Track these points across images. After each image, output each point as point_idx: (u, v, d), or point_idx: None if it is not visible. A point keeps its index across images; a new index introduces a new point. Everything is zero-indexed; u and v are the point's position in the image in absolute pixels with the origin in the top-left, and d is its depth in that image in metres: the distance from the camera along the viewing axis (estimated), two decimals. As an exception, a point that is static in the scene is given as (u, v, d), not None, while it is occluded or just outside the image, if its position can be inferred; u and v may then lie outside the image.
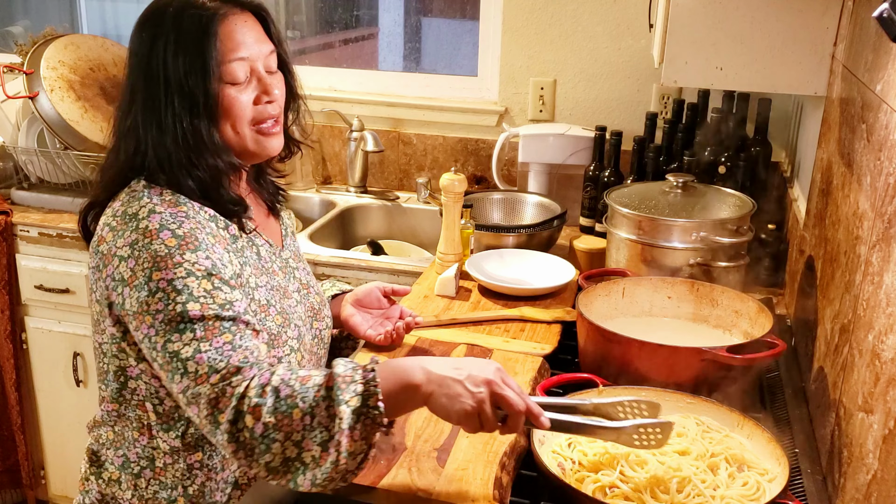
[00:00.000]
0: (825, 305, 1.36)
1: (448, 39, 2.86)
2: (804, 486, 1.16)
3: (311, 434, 1.00)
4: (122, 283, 1.10)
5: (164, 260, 1.08)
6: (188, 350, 1.05)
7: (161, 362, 1.08)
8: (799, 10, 1.59)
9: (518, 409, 1.03)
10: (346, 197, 2.60)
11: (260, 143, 1.22)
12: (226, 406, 1.02)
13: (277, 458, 1.00)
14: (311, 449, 1.00)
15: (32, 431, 2.53)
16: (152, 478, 1.21)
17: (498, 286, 1.78)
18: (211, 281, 1.09)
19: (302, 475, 1.00)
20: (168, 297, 1.07)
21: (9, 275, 2.35)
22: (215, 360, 1.04)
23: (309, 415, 1.00)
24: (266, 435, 1.00)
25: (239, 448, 1.01)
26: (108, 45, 2.54)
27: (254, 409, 1.00)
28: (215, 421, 1.02)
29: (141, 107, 1.16)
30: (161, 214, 1.11)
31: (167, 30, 1.14)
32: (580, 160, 2.27)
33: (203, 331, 1.06)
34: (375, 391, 1.00)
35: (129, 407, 1.20)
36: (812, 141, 1.76)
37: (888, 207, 1.02)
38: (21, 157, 2.44)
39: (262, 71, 1.20)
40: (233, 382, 1.03)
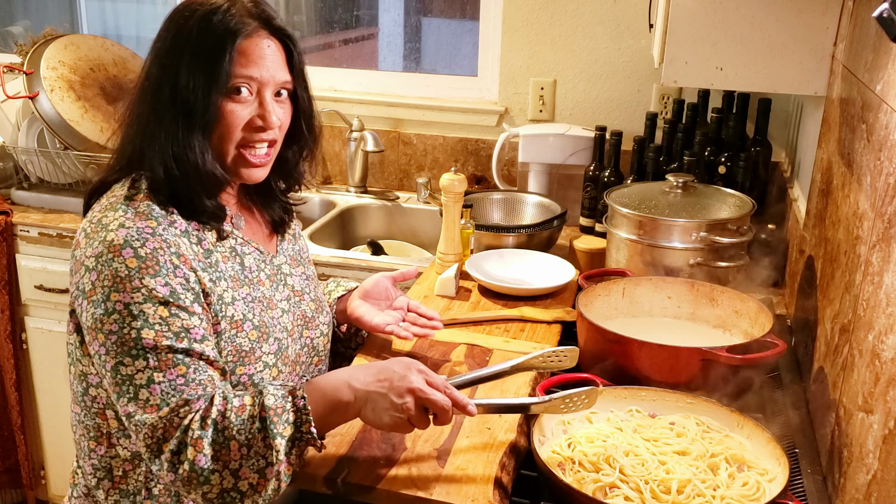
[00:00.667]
0: (825, 305, 1.36)
1: (448, 39, 2.86)
2: (804, 486, 1.17)
3: (248, 462, 1.05)
4: (82, 294, 1.11)
5: (123, 283, 1.08)
6: (141, 377, 1.07)
7: (109, 381, 1.10)
8: (799, 10, 1.59)
9: (444, 408, 1.09)
10: (346, 197, 2.60)
11: (238, 168, 1.21)
12: (170, 437, 1.06)
13: (216, 488, 1.05)
14: (249, 477, 1.05)
15: (32, 431, 2.53)
16: (111, 488, 1.22)
17: (498, 286, 1.78)
18: (168, 308, 1.09)
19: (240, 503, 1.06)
20: (123, 321, 1.08)
21: (9, 275, 2.35)
22: (168, 394, 1.07)
23: (245, 446, 1.05)
24: (206, 467, 1.04)
25: (178, 478, 1.05)
26: (108, 45, 2.54)
27: (195, 442, 1.05)
28: (158, 450, 1.06)
29: (149, 96, 1.17)
30: (128, 230, 1.11)
31: (191, 29, 1.15)
32: (580, 160, 2.27)
33: (156, 361, 1.08)
34: (308, 418, 1.07)
35: (88, 415, 1.21)
36: (812, 141, 1.76)
37: (888, 207, 1.02)
38: (21, 157, 2.44)
39: (269, 97, 1.19)
40: (180, 413, 1.07)
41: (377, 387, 1.09)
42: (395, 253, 2.40)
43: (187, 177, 1.16)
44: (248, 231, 1.29)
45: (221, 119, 1.16)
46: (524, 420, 1.27)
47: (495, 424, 1.25)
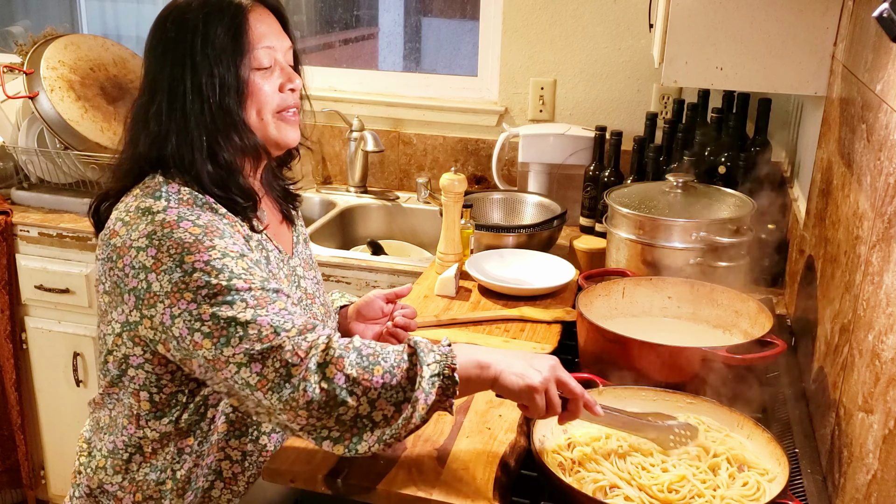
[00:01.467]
0: (825, 305, 1.36)
1: (448, 39, 2.86)
2: (804, 486, 1.16)
3: (386, 394, 1.03)
4: (143, 269, 1.09)
5: (194, 245, 1.08)
6: (245, 314, 1.05)
7: (207, 332, 1.06)
8: (799, 10, 1.59)
9: (579, 394, 1.09)
10: (346, 197, 2.60)
11: (282, 131, 1.24)
12: (301, 358, 1.03)
13: (350, 412, 1.03)
14: (384, 409, 1.03)
15: (32, 431, 2.53)
16: (143, 461, 1.22)
17: (498, 286, 1.78)
18: (245, 261, 1.10)
19: (369, 432, 1.03)
20: (209, 275, 1.07)
21: (9, 275, 2.35)
22: (279, 322, 1.06)
23: (389, 373, 1.04)
24: (344, 388, 1.02)
25: (313, 400, 1.02)
26: (108, 45, 2.54)
27: (337, 361, 1.03)
28: (287, 374, 1.03)
29: (165, 95, 1.18)
30: (177, 209, 1.13)
31: (194, 19, 1.18)
32: (580, 160, 2.27)
33: (254, 300, 1.07)
34: (453, 362, 1.06)
35: (125, 393, 1.21)
36: (812, 141, 1.76)
37: (888, 207, 1.02)
38: (21, 157, 2.44)
39: (284, 62, 1.24)
40: (308, 338, 1.05)
41: (518, 356, 1.11)
42: (395, 253, 2.40)
43: (234, 159, 1.20)
44: (270, 230, 1.31)
45: (255, 92, 1.20)
46: (524, 420, 1.27)
47: (495, 424, 1.25)
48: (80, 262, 2.31)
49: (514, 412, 1.27)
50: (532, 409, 1.09)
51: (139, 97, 1.22)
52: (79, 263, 2.31)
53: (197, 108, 1.16)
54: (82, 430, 1.31)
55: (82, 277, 2.31)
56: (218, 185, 1.19)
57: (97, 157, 2.33)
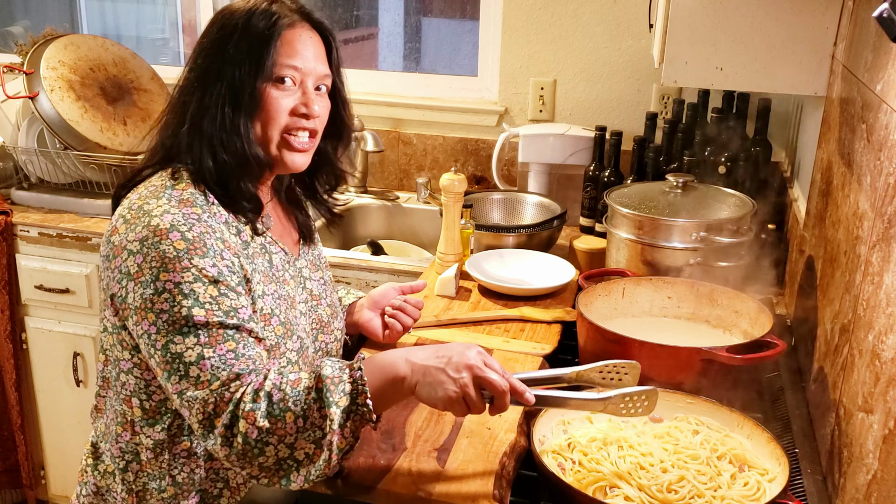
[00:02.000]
0: (825, 305, 1.36)
1: (448, 39, 2.86)
2: (804, 486, 1.17)
3: (303, 434, 1.04)
4: (127, 276, 1.11)
5: (173, 262, 1.09)
6: (191, 354, 1.07)
7: (159, 360, 1.09)
8: (799, 10, 1.59)
9: (502, 390, 1.06)
10: (346, 197, 2.59)
11: (283, 153, 1.24)
12: (222, 411, 1.05)
13: (271, 459, 1.04)
14: (305, 447, 1.04)
15: (32, 431, 2.53)
16: (139, 470, 1.22)
17: (498, 286, 1.78)
18: (217, 287, 1.10)
19: (295, 472, 1.05)
20: (174, 300, 1.08)
21: (9, 275, 2.35)
22: (218, 368, 1.07)
23: (301, 417, 1.04)
24: (260, 439, 1.03)
25: (232, 452, 1.05)
26: (108, 45, 2.54)
27: (247, 415, 1.04)
28: (210, 426, 1.06)
29: (194, 89, 1.20)
30: (173, 215, 1.12)
31: (236, 23, 1.19)
32: (580, 160, 2.27)
33: (207, 337, 1.08)
34: (364, 389, 1.05)
35: (118, 399, 1.21)
36: (812, 141, 1.76)
37: (888, 207, 1.02)
38: (21, 157, 2.44)
39: (311, 87, 1.23)
40: (231, 388, 1.06)
41: (435, 361, 1.08)
42: (395, 253, 2.40)
43: (234, 161, 1.19)
44: (275, 232, 1.31)
45: (266, 105, 1.20)
46: (524, 420, 1.27)
47: (495, 424, 1.25)
48: (80, 262, 2.31)
49: (514, 412, 1.27)
50: (454, 413, 1.08)
51: (179, 84, 1.24)
52: (79, 263, 2.31)
53: (213, 109, 1.18)
54: (90, 433, 1.31)
55: (82, 277, 2.31)
56: (219, 183, 1.19)
57: (97, 157, 2.33)
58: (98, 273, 2.29)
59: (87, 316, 2.36)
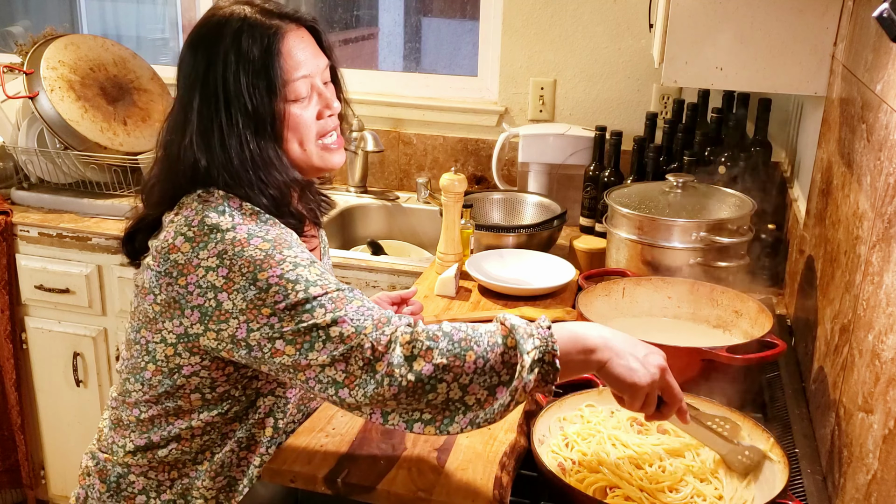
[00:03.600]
0: (825, 305, 1.36)
1: (448, 39, 2.86)
2: (804, 486, 1.16)
3: (479, 378, 0.99)
4: (213, 289, 1.07)
5: (265, 261, 1.07)
6: (325, 318, 1.03)
7: (291, 338, 1.04)
8: (799, 10, 1.59)
9: (678, 400, 1.05)
10: (346, 197, 2.59)
11: (325, 159, 1.24)
12: (385, 352, 1.01)
13: (440, 397, 0.99)
14: (477, 393, 0.99)
15: (32, 431, 2.53)
16: (175, 448, 1.21)
17: (498, 286, 1.78)
18: (317, 267, 1.09)
19: (462, 415, 1.00)
20: (285, 289, 1.05)
21: (9, 275, 2.35)
22: (360, 319, 1.03)
23: (482, 358, 0.99)
24: (434, 376, 0.99)
25: (401, 390, 0.99)
26: (108, 45, 2.54)
27: (426, 353, 1.00)
28: (371, 370, 1.00)
29: (197, 127, 1.15)
30: (247, 226, 1.11)
31: (226, 48, 1.13)
32: (580, 160, 2.27)
33: (332, 302, 1.05)
34: (553, 348, 1.00)
35: (171, 398, 1.19)
36: (812, 141, 1.76)
37: (888, 207, 1.02)
38: (21, 157, 2.44)
39: (321, 85, 1.22)
40: (386, 331, 1.02)
41: (630, 348, 1.05)
42: (395, 253, 2.40)
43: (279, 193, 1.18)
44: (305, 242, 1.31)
45: (294, 124, 1.18)
46: (524, 420, 1.27)
47: (495, 425, 1.25)
48: (80, 262, 2.31)
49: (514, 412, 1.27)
50: (629, 403, 1.05)
51: (168, 119, 1.19)
52: (79, 263, 2.31)
53: (235, 145, 1.14)
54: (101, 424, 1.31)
55: (82, 277, 2.31)
56: (271, 213, 1.18)
57: (97, 157, 2.33)
58: (100, 277, 2.29)
59: (87, 316, 2.36)
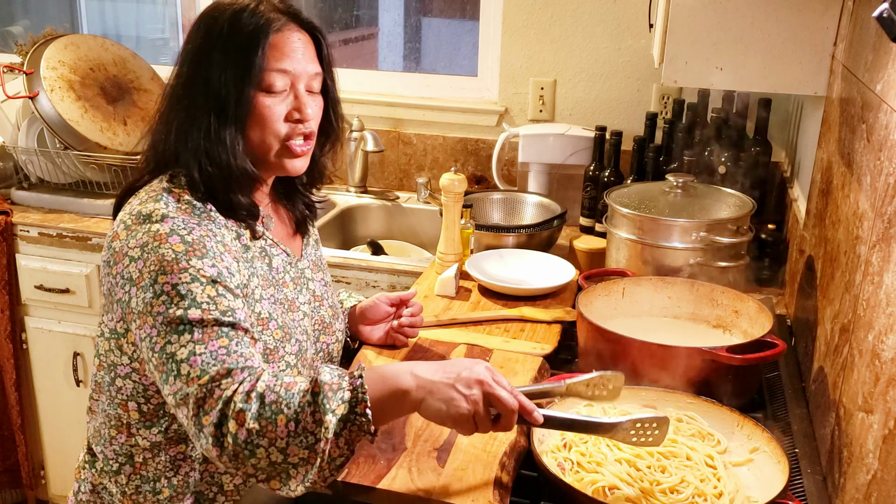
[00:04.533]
0: (825, 305, 1.36)
1: (448, 39, 2.86)
2: (804, 486, 1.17)
3: (296, 440, 0.99)
4: (129, 282, 1.10)
5: (171, 264, 1.08)
6: (183, 352, 1.05)
7: (156, 363, 1.07)
8: (799, 10, 1.59)
9: (511, 408, 1.02)
10: (346, 197, 2.59)
11: (283, 160, 1.22)
12: (211, 409, 1.01)
13: (263, 461, 1.00)
14: (298, 453, 0.99)
15: (32, 431, 2.53)
16: (132, 473, 1.22)
17: (498, 286, 1.78)
18: (215, 288, 1.09)
19: (294, 470, 1.00)
20: (171, 301, 1.07)
21: (9, 275, 2.35)
22: (208, 364, 1.03)
23: (293, 421, 0.99)
24: (249, 441, 0.99)
25: (223, 453, 1.01)
26: (108, 45, 2.54)
27: (237, 415, 0.99)
28: (199, 423, 1.02)
29: (180, 97, 1.18)
30: (174, 219, 1.12)
31: (221, 27, 1.16)
32: (580, 160, 2.27)
33: (201, 334, 1.06)
34: (364, 398, 0.99)
35: (111, 404, 1.21)
36: (812, 141, 1.76)
37: (888, 207, 1.02)
38: (21, 157, 2.44)
39: (302, 89, 1.21)
40: (221, 385, 1.02)
41: (442, 377, 1.02)
42: (395, 253, 2.40)
43: (220, 174, 1.17)
44: (277, 233, 1.31)
45: (258, 113, 1.17)
46: (524, 420, 1.27)
47: (495, 424, 1.25)
48: (80, 262, 2.31)
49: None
50: (461, 432, 1.04)
51: (165, 89, 1.22)
52: (79, 263, 2.31)
53: (201, 118, 1.15)
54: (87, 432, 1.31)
55: (82, 277, 2.31)
56: (212, 193, 1.18)
57: (97, 157, 2.33)
58: (98, 275, 2.29)
59: (87, 316, 2.36)
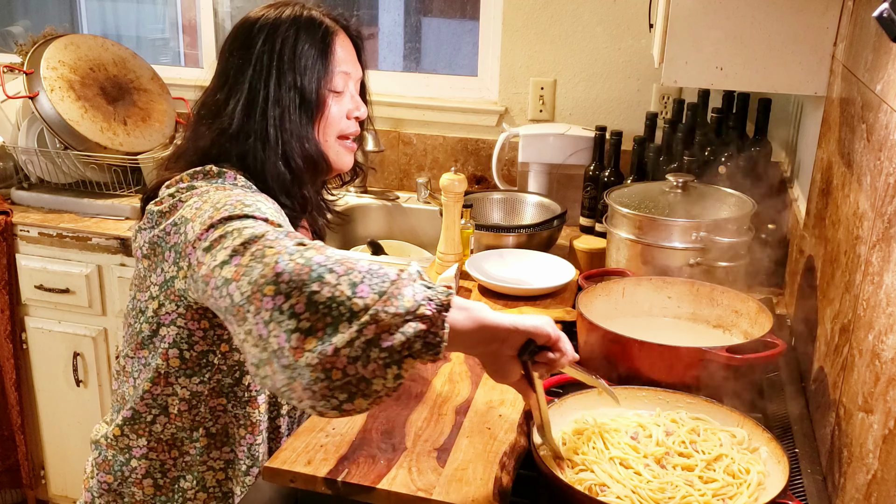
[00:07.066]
0: (825, 305, 1.36)
1: (448, 39, 2.86)
2: (804, 486, 1.16)
3: (371, 280, 0.88)
4: (184, 222, 1.10)
5: (236, 195, 1.10)
6: (245, 223, 1.01)
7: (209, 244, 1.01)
8: (799, 10, 1.59)
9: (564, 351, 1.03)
10: (346, 197, 2.59)
11: (339, 156, 1.32)
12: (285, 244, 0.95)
13: (326, 290, 0.87)
14: (366, 296, 0.86)
15: (32, 431, 2.53)
16: (167, 423, 1.23)
17: (498, 286, 1.78)
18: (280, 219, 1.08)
19: (346, 323, 0.85)
20: (234, 207, 1.05)
21: (9, 275, 2.35)
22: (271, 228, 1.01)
23: (376, 265, 0.91)
24: (324, 265, 0.89)
25: (285, 271, 0.89)
26: (108, 45, 2.54)
27: (320, 248, 0.94)
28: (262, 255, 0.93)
29: (244, 97, 1.22)
30: (233, 190, 1.15)
31: (285, 31, 1.23)
32: (580, 160, 2.27)
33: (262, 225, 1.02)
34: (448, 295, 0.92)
35: (154, 355, 1.21)
36: (812, 141, 1.76)
37: (888, 207, 1.02)
38: (21, 157, 2.44)
39: (355, 91, 1.32)
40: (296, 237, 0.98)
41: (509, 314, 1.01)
42: (395, 253, 2.40)
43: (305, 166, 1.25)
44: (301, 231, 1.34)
45: (327, 113, 1.27)
46: (524, 420, 1.27)
47: (495, 424, 1.25)
48: (80, 262, 2.31)
49: (514, 412, 1.27)
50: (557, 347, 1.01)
51: (209, 94, 1.26)
52: (79, 263, 2.31)
53: (277, 115, 1.22)
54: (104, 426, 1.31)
55: (82, 277, 2.31)
56: (281, 188, 1.23)
57: (97, 157, 2.33)
58: (99, 276, 2.29)
59: (87, 316, 2.36)
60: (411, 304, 0.88)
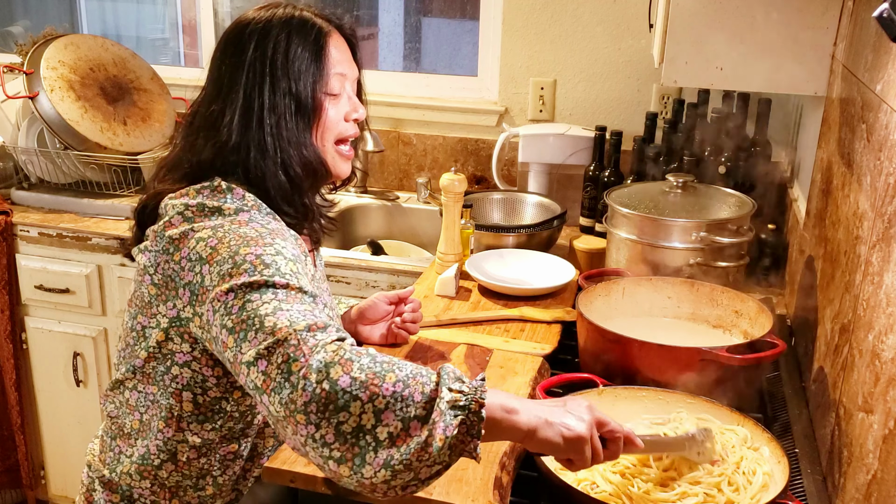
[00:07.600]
0: (825, 305, 1.36)
1: (448, 39, 2.86)
2: (804, 486, 1.16)
3: (395, 405, 0.89)
4: (200, 262, 1.07)
5: (255, 240, 1.07)
6: (268, 307, 0.99)
7: (232, 324, 1.00)
8: (799, 10, 1.59)
9: (622, 432, 0.99)
10: (346, 197, 2.59)
11: (336, 162, 1.27)
12: (304, 354, 0.93)
13: (352, 420, 0.89)
14: (391, 424, 0.88)
15: (32, 431, 2.53)
16: (174, 470, 1.20)
17: (498, 286, 1.78)
18: (297, 266, 1.07)
19: (373, 453, 0.88)
20: (254, 268, 1.03)
21: (9, 275, 2.35)
22: (297, 319, 0.97)
23: (402, 382, 0.90)
24: (349, 390, 0.89)
25: (312, 400, 0.90)
26: (108, 45, 2.54)
27: (346, 363, 0.92)
28: (286, 371, 0.93)
29: (240, 106, 1.18)
30: (249, 213, 1.14)
31: (276, 35, 1.19)
32: (580, 160, 2.27)
33: (285, 296, 1.01)
34: (482, 397, 0.91)
35: (164, 394, 1.17)
36: (812, 141, 1.76)
37: (888, 207, 1.02)
38: (21, 157, 2.44)
39: (352, 92, 1.28)
40: (317, 336, 0.95)
41: (549, 403, 0.98)
42: (395, 253, 2.40)
43: (304, 174, 1.21)
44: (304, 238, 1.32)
45: (324, 117, 1.22)
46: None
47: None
48: (80, 262, 2.31)
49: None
50: (578, 461, 0.96)
51: (203, 104, 1.21)
52: (79, 263, 2.31)
53: (273, 123, 1.18)
54: (99, 431, 1.29)
55: (82, 277, 2.31)
56: (283, 198, 1.20)
57: (97, 157, 2.33)
58: (101, 276, 2.30)
59: (87, 316, 2.36)
60: (442, 443, 0.89)
